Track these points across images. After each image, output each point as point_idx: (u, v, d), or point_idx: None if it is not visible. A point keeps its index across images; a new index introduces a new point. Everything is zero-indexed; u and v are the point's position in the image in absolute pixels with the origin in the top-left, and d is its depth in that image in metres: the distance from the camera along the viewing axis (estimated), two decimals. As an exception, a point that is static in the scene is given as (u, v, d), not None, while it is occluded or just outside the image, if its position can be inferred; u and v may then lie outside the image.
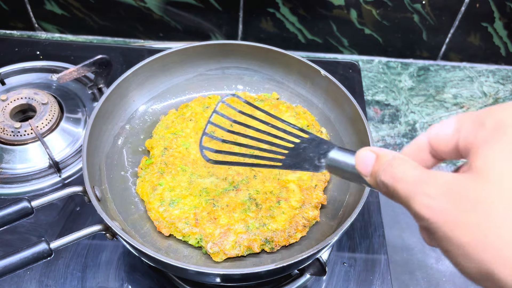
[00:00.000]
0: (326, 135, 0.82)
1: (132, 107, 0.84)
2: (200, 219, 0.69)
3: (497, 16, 1.08)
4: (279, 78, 0.89)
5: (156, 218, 0.71)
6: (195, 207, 0.71)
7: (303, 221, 0.70)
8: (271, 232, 0.68)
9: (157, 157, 0.77)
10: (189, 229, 0.69)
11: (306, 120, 0.83)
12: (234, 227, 0.69)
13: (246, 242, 0.68)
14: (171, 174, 0.75)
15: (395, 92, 1.13)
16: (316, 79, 0.85)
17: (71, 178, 0.86)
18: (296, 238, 0.69)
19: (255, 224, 0.69)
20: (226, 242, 0.67)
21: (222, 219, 0.69)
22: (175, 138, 0.80)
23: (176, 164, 0.76)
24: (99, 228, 0.61)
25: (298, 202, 0.72)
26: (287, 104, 0.86)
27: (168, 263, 0.57)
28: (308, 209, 0.72)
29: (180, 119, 0.83)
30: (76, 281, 0.74)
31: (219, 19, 1.13)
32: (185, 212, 0.70)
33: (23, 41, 1.13)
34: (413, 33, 1.13)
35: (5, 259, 0.55)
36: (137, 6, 1.10)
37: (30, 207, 0.60)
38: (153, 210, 0.71)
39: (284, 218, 0.70)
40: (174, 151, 0.78)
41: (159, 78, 0.86)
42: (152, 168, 0.76)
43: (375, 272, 0.78)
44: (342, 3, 1.07)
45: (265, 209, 0.71)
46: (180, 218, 0.70)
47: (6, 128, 0.88)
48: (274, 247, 0.68)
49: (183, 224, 0.69)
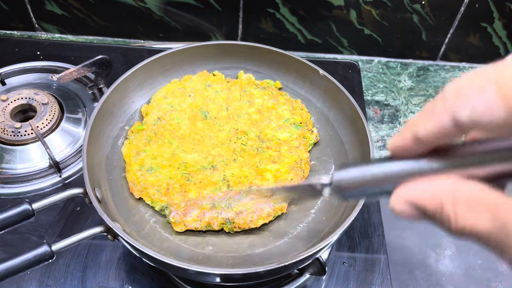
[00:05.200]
0: (317, 135, 0.82)
1: (131, 108, 0.84)
2: (171, 189, 0.73)
3: (497, 16, 1.09)
4: (277, 77, 0.89)
5: (131, 180, 0.74)
6: (170, 178, 0.74)
7: (268, 210, 0.71)
8: (234, 214, 0.70)
9: (149, 125, 0.81)
10: (158, 196, 0.72)
11: (300, 117, 0.83)
12: (200, 202, 0.71)
13: (208, 218, 0.70)
14: (157, 143, 0.78)
15: (394, 92, 1.13)
16: (314, 79, 0.85)
17: (71, 178, 0.87)
18: (257, 224, 0.70)
19: (221, 204, 0.71)
20: (189, 215, 0.70)
21: (192, 193, 0.72)
22: (171, 110, 0.83)
23: (164, 136, 0.79)
24: (100, 230, 0.61)
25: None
26: (287, 96, 0.87)
27: (169, 263, 0.58)
28: (277, 200, 0.72)
29: (179, 92, 0.85)
30: (77, 281, 0.74)
31: (219, 20, 1.13)
32: (159, 180, 0.74)
33: (24, 41, 1.13)
34: (412, 33, 1.13)
35: (7, 262, 0.55)
36: (137, 6, 1.11)
37: (31, 210, 0.60)
38: (131, 172, 0.75)
39: (250, 202, 0.72)
40: (166, 123, 0.81)
41: (157, 79, 0.86)
42: (141, 134, 0.80)
43: (375, 272, 0.79)
44: (342, 4, 1.08)
45: (236, 192, 0.73)
46: (153, 185, 0.73)
47: (7, 128, 0.88)
48: (233, 229, 0.70)
49: (154, 191, 0.72)
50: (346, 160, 0.79)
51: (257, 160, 0.77)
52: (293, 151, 0.79)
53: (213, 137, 0.80)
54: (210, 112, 0.84)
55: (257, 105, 0.85)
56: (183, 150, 0.78)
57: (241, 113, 0.84)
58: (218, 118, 0.83)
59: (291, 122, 0.83)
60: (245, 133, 0.81)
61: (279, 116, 0.83)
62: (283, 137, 0.81)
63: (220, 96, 0.86)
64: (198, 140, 0.80)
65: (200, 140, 0.80)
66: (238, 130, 0.81)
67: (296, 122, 0.83)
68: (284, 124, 0.82)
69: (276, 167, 0.76)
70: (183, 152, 0.78)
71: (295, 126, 0.82)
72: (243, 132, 0.81)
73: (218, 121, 0.83)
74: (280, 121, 0.83)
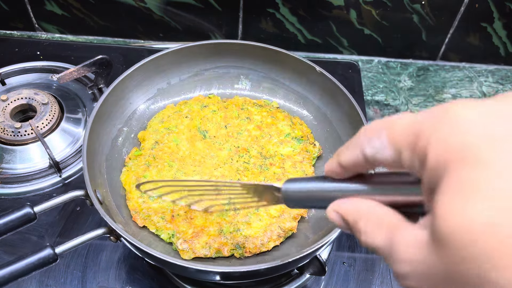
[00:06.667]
0: (320, 148, 0.82)
1: (129, 109, 0.84)
2: (176, 216, 0.70)
3: (497, 16, 1.09)
4: (274, 75, 0.89)
5: (133, 208, 0.72)
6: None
7: (278, 231, 0.70)
8: (244, 238, 0.68)
9: (147, 149, 0.79)
10: (163, 224, 0.70)
11: (301, 131, 0.83)
12: (208, 229, 0.69)
13: (217, 244, 0.68)
14: (157, 168, 0.76)
15: (394, 92, 1.13)
16: (311, 76, 0.85)
17: (71, 178, 0.87)
18: (268, 247, 0.69)
19: (229, 229, 0.69)
20: (197, 242, 0.68)
21: (198, 220, 0.70)
22: (168, 133, 0.81)
23: (164, 159, 0.77)
24: (103, 232, 0.61)
25: (277, 211, 0.71)
26: (285, 113, 0.86)
27: (172, 262, 0.58)
28: (286, 220, 0.71)
29: (176, 115, 0.84)
30: (77, 281, 0.74)
31: (219, 20, 1.13)
32: (163, 207, 0.72)
33: (23, 41, 1.14)
34: (412, 33, 1.13)
35: (10, 266, 0.55)
36: (137, 6, 1.11)
37: (33, 213, 0.59)
38: (133, 200, 0.73)
39: (259, 225, 0.70)
40: (164, 146, 0.79)
41: (154, 80, 0.86)
42: (140, 159, 0.78)
43: (375, 272, 0.79)
44: (342, 4, 1.08)
45: (243, 214, 0.71)
46: (157, 212, 0.71)
47: (7, 128, 0.88)
48: (244, 254, 0.68)
49: (159, 218, 0.70)
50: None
51: (261, 178, 0.76)
52: (297, 166, 0.77)
53: (214, 156, 0.78)
54: (209, 131, 0.82)
55: (256, 122, 0.83)
56: (184, 172, 0.76)
57: (240, 130, 0.82)
58: (218, 137, 0.81)
59: (292, 136, 0.81)
60: (246, 151, 0.79)
61: (279, 131, 0.82)
62: (286, 152, 0.79)
63: (218, 115, 0.84)
64: (199, 161, 0.78)
65: (201, 161, 0.78)
66: (239, 148, 0.80)
67: (297, 136, 0.82)
68: (285, 139, 0.81)
69: None
70: (184, 175, 0.76)
71: (297, 140, 0.81)
72: (244, 150, 0.79)
73: (218, 139, 0.81)
74: (281, 136, 0.81)
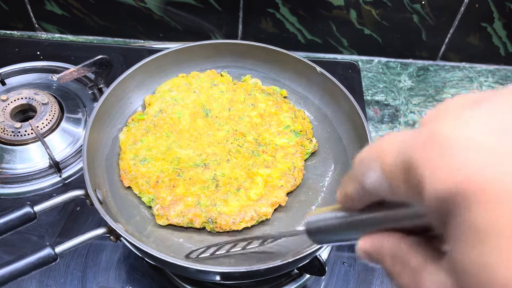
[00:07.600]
0: (315, 145, 0.82)
1: (129, 109, 0.84)
2: (160, 183, 0.73)
3: (497, 16, 1.09)
4: (274, 75, 0.89)
5: (123, 168, 0.75)
6: (161, 171, 0.74)
7: (252, 214, 0.71)
8: (218, 214, 0.70)
9: (150, 115, 0.81)
10: (146, 188, 0.73)
11: (301, 125, 0.83)
12: (186, 198, 0.71)
13: (191, 215, 0.70)
14: (155, 135, 0.79)
15: (394, 92, 1.13)
16: (311, 76, 0.85)
17: (71, 178, 0.87)
18: (239, 227, 0.70)
19: (206, 202, 0.71)
20: (173, 210, 0.70)
21: (179, 189, 0.72)
22: (173, 104, 0.83)
23: (163, 129, 0.80)
24: (103, 231, 0.61)
25: (256, 195, 0.73)
26: (290, 105, 0.86)
27: (173, 263, 0.58)
28: (262, 204, 0.72)
29: (185, 87, 0.85)
30: (77, 280, 0.74)
31: (219, 20, 1.13)
32: (150, 172, 0.74)
33: (23, 41, 1.14)
34: (412, 33, 1.13)
35: (10, 266, 0.55)
36: (137, 6, 1.11)
37: (33, 213, 0.59)
38: (125, 160, 0.76)
39: (236, 204, 0.71)
40: (167, 116, 0.81)
41: (155, 79, 0.86)
42: (141, 123, 0.80)
43: (375, 272, 0.79)
44: (342, 4, 1.08)
45: (222, 192, 0.72)
46: (143, 176, 0.74)
47: (7, 128, 0.88)
48: (214, 229, 0.70)
49: (144, 182, 0.73)
50: (345, 156, 0.79)
51: (250, 163, 0.77)
52: (288, 158, 0.78)
53: (211, 135, 0.80)
54: (212, 110, 0.84)
55: (259, 109, 0.84)
56: (179, 145, 0.78)
57: (242, 115, 0.84)
58: (219, 118, 0.83)
59: (291, 129, 0.82)
60: (243, 135, 0.81)
61: (280, 122, 0.83)
62: (281, 142, 0.80)
63: (225, 96, 0.86)
64: (196, 137, 0.80)
65: (197, 137, 0.80)
66: (237, 132, 0.81)
67: (296, 130, 0.82)
68: (284, 130, 0.82)
69: (268, 171, 0.76)
70: (178, 147, 0.78)
71: (295, 133, 0.82)
72: (241, 134, 0.81)
73: (219, 120, 0.83)
74: (280, 127, 0.82)
